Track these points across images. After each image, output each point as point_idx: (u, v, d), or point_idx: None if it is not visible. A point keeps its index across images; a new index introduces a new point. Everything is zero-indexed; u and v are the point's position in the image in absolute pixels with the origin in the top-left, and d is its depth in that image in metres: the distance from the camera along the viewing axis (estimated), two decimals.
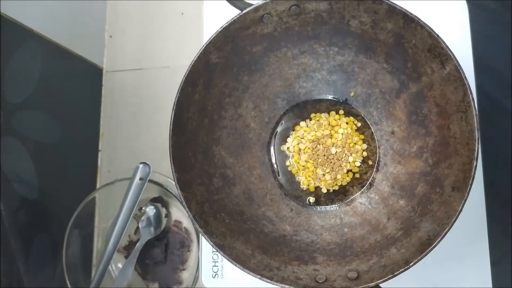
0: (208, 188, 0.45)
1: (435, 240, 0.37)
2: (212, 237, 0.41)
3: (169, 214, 0.62)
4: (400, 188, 0.46)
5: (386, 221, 0.45)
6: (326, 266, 0.42)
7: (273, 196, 0.49)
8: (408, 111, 0.46)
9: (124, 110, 0.72)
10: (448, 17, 0.51)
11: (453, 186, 0.40)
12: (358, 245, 0.44)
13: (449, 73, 0.40)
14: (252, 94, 0.49)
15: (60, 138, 0.63)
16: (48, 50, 0.60)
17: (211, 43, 0.43)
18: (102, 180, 0.70)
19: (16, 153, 0.54)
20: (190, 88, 0.43)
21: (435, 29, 0.39)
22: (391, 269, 0.38)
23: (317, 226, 0.47)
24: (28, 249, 0.55)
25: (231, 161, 0.48)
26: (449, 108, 0.41)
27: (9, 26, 0.52)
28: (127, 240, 0.64)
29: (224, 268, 0.51)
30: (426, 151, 0.45)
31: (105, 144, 0.71)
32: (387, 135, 0.48)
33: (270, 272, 0.40)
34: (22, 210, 0.54)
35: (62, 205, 0.63)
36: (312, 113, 0.51)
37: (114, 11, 0.74)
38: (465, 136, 0.39)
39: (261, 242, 0.44)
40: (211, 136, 0.47)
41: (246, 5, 0.42)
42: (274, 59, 0.48)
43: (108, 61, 0.73)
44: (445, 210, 0.39)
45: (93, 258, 0.66)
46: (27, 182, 0.56)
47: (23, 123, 0.55)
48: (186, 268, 0.62)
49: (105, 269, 0.56)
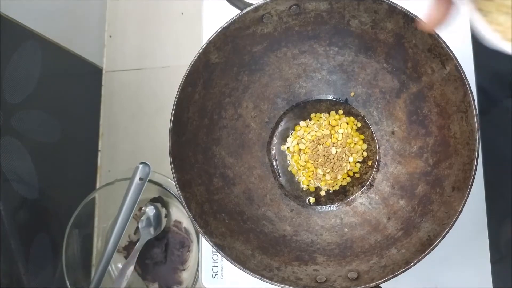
0: (208, 188, 0.45)
1: (436, 240, 0.37)
2: (212, 237, 0.41)
3: (169, 214, 0.62)
4: (400, 188, 0.46)
5: (386, 221, 0.45)
6: (326, 267, 0.42)
7: (273, 196, 0.49)
8: (408, 111, 0.46)
9: (124, 110, 0.72)
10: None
11: (454, 186, 0.40)
12: (358, 245, 0.44)
13: (449, 73, 0.40)
14: (252, 94, 0.49)
15: (60, 138, 0.63)
16: (48, 50, 0.60)
17: (211, 43, 0.42)
18: (102, 180, 0.70)
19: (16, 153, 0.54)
20: (190, 88, 0.43)
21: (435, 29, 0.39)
22: (391, 269, 0.38)
23: (317, 226, 0.47)
24: (28, 249, 0.55)
25: (231, 161, 0.48)
26: (449, 108, 0.41)
27: (9, 26, 0.52)
28: (127, 240, 0.64)
29: (224, 268, 0.51)
30: (426, 151, 0.44)
31: (105, 144, 0.71)
32: (387, 135, 0.48)
33: (270, 272, 0.40)
34: (22, 210, 0.54)
35: (61, 205, 0.63)
36: (312, 113, 0.51)
37: (114, 11, 0.74)
38: (466, 136, 0.39)
39: (261, 242, 0.44)
40: (211, 136, 0.47)
41: (246, 5, 0.42)
42: (274, 59, 0.48)
43: (108, 61, 0.73)
44: (446, 210, 0.39)
45: (93, 258, 0.66)
46: (27, 182, 0.56)
47: (23, 123, 0.55)
48: (186, 268, 0.62)
49: (105, 269, 0.56)
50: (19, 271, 0.53)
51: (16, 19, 0.53)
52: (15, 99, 0.53)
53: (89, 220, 0.65)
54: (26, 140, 0.55)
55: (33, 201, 0.57)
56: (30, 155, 0.56)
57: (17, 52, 0.53)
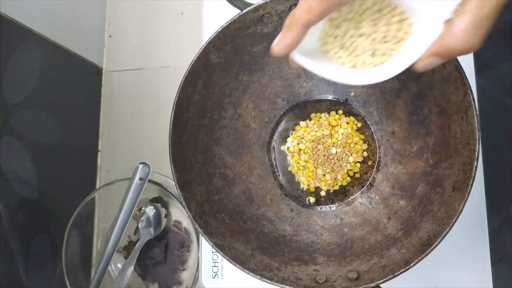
0: (208, 188, 0.45)
1: (436, 240, 0.37)
2: (212, 238, 0.41)
3: (168, 214, 0.62)
4: (400, 188, 0.46)
5: (387, 221, 0.45)
6: (326, 267, 0.42)
7: (273, 196, 0.49)
8: (408, 111, 0.46)
9: (124, 110, 0.72)
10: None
11: (454, 186, 0.40)
12: (359, 245, 0.44)
13: (449, 73, 0.40)
14: (252, 94, 0.49)
15: (60, 138, 0.63)
16: (48, 50, 0.60)
17: (211, 43, 0.42)
18: (101, 180, 0.70)
19: (16, 153, 0.54)
20: (190, 88, 0.43)
21: None
22: (391, 269, 0.38)
23: (317, 227, 0.47)
24: (28, 250, 0.55)
25: (231, 161, 0.48)
26: (449, 108, 0.41)
27: (8, 26, 0.52)
28: (127, 241, 0.64)
29: (224, 269, 0.51)
30: (426, 151, 0.44)
31: (104, 144, 0.71)
32: (388, 135, 0.48)
33: (270, 272, 0.40)
34: (22, 210, 0.54)
35: (61, 205, 0.63)
36: (312, 113, 0.51)
37: (114, 10, 0.74)
38: (466, 136, 0.39)
39: (261, 242, 0.44)
40: (211, 136, 0.47)
41: (246, 5, 0.42)
42: (274, 59, 0.48)
43: (107, 61, 0.73)
44: (446, 210, 0.39)
45: (93, 258, 0.66)
46: (26, 182, 0.56)
47: (23, 123, 0.54)
48: (186, 269, 0.62)
49: (105, 269, 0.56)
50: (19, 271, 0.53)
51: (15, 19, 0.53)
52: (14, 99, 0.53)
53: (89, 220, 0.65)
54: (26, 140, 0.55)
55: (32, 201, 0.57)
56: (29, 155, 0.56)
57: (17, 52, 0.53)
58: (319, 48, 0.34)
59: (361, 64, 0.33)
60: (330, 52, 0.34)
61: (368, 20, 0.32)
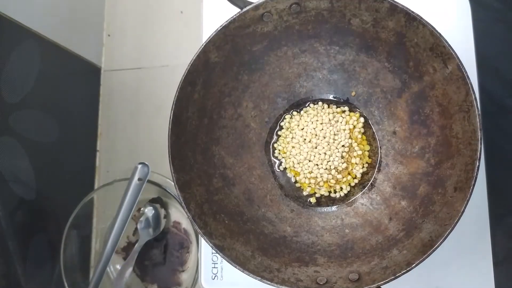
0: (207, 188, 0.45)
1: (437, 241, 0.37)
2: (211, 238, 0.41)
3: (168, 215, 0.62)
4: (401, 189, 0.46)
5: (388, 222, 0.45)
6: (327, 268, 0.42)
7: (273, 196, 0.49)
8: (410, 111, 0.46)
9: (123, 110, 0.71)
10: (450, 15, 0.51)
11: (456, 186, 0.40)
12: (359, 246, 0.44)
13: (451, 72, 0.39)
14: (252, 93, 0.49)
15: (58, 138, 0.62)
16: (46, 49, 0.60)
17: (210, 42, 0.42)
18: (100, 181, 0.70)
19: (14, 153, 0.53)
20: (190, 88, 0.43)
21: (437, 27, 0.39)
22: (392, 270, 0.38)
23: (318, 227, 0.47)
24: (26, 250, 0.54)
25: (230, 161, 0.48)
26: (451, 108, 0.41)
27: (7, 25, 0.51)
28: (126, 241, 0.64)
29: (224, 270, 0.51)
30: (428, 151, 0.44)
31: (103, 144, 0.71)
32: (389, 135, 0.48)
33: (270, 273, 0.40)
34: (20, 210, 0.54)
35: (60, 206, 0.62)
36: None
37: (113, 9, 0.74)
38: (468, 136, 0.39)
39: (261, 243, 0.44)
40: (211, 136, 0.47)
41: (246, 4, 0.42)
42: (274, 58, 0.47)
43: (106, 60, 0.73)
44: (447, 211, 0.39)
45: (91, 259, 0.65)
46: (24, 182, 0.55)
47: (21, 123, 0.54)
48: (185, 270, 0.61)
49: (103, 270, 0.56)
50: (17, 272, 0.53)
51: (14, 18, 0.52)
52: (13, 99, 0.53)
53: (88, 221, 0.65)
54: (24, 140, 0.55)
55: (30, 201, 0.56)
56: (27, 155, 0.55)
57: (15, 51, 0.53)
58: None
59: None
60: None
61: None
